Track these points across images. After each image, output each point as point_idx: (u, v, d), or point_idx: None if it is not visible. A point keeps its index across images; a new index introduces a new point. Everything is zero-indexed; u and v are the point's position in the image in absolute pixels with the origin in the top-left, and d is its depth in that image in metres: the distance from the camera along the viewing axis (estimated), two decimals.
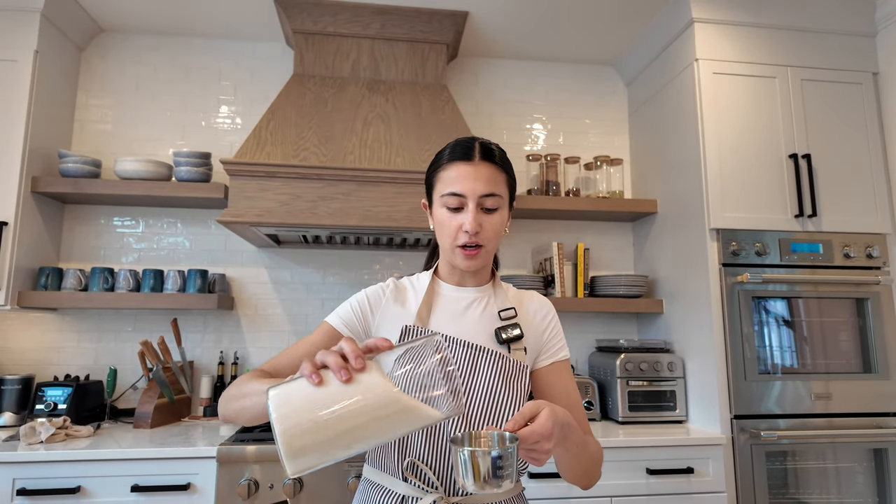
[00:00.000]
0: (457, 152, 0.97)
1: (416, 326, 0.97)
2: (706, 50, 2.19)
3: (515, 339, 0.98)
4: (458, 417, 0.90)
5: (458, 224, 0.95)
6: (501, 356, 0.97)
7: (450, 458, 0.91)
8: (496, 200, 0.96)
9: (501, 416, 0.93)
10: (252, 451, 1.73)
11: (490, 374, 0.95)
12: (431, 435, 0.91)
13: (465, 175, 0.95)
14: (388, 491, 0.93)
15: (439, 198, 0.98)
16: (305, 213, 2.01)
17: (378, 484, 0.95)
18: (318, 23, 2.34)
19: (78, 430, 1.86)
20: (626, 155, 2.81)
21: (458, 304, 1.02)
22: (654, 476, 1.88)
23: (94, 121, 2.49)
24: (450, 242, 0.97)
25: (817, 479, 1.99)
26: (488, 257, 1.00)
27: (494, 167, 0.97)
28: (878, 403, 2.05)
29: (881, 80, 2.28)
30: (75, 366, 2.31)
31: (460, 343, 0.97)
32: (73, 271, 2.17)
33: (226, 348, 2.41)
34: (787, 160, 2.16)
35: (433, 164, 1.02)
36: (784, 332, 2.06)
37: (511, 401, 0.94)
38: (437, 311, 1.01)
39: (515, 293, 1.09)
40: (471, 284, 1.04)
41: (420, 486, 0.91)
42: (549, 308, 1.08)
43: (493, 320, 1.02)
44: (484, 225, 0.95)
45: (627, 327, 2.68)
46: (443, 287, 1.04)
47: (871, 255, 2.14)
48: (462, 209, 0.95)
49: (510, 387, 0.95)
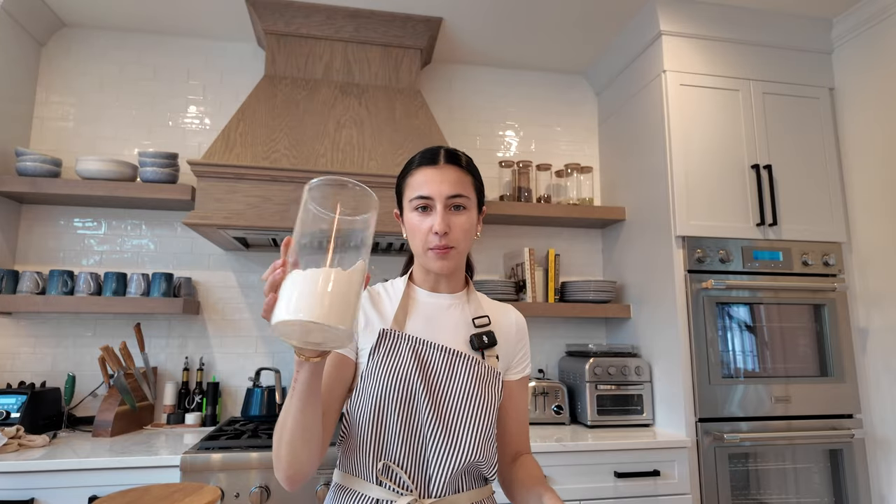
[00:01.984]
0: (423, 159, 1.00)
1: (393, 330, 0.97)
2: (674, 62, 2.25)
3: (489, 346, 1.00)
4: (437, 421, 0.90)
5: (427, 226, 0.96)
6: (477, 361, 0.98)
7: (426, 459, 0.91)
8: (463, 200, 0.98)
9: (476, 420, 0.93)
10: (217, 459, 1.69)
11: (465, 379, 0.96)
12: (406, 438, 0.91)
13: (431, 178, 0.97)
14: (362, 496, 0.92)
15: (408, 203, 0.99)
16: (275, 217, 1.98)
17: (350, 489, 0.94)
18: (291, 24, 2.32)
19: (32, 440, 1.79)
20: (595, 163, 2.86)
21: (434, 310, 1.03)
22: (621, 479, 1.91)
23: (55, 118, 2.40)
24: (421, 246, 0.98)
25: (777, 480, 2.05)
26: (460, 258, 1.00)
27: (460, 170, 1.00)
28: (833, 406, 2.13)
29: (837, 95, 2.39)
30: (31, 372, 2.21)
31: (437, 347, 0.97)
32: (29, 273, 2.09)
33: (191, 354, 2.35)
34: (749, 170, 2.23)
35: (402, 172, 1.04)
36: (746, 337, 2.13)
37: (486, 405, 0.95)
38: (413, 316, 1.01)
39: (490, 304, 1.10)
40: (445, 290, 1.05)
41: (394, 488, 0.90)
42: (523, 325, 1.11)
43: (467, 326, 1.03)
44: (452, 225, 0.96)
45: (596, 332, 2.72)
46: (418, 293, 1.05)
47: (828, 262, 2.23)
48: (430, 211, 0.97)
49: (485, 392, 0.96)
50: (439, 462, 0.90)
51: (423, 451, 0.91)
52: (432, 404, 0.91)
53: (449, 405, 0.93)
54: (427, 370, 0.95)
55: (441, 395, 0.93)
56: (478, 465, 0.93)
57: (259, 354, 2.40)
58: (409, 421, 0.91)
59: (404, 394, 0.91)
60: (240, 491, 1.69)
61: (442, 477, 0.90)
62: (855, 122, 2.30)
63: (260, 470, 1.71)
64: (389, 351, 0.95)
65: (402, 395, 0.91)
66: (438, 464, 0.90)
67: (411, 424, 0.91)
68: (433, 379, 0.95)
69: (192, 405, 2.25)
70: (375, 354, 0.95)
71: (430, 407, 0.91)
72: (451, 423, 0.92)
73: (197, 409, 2.25)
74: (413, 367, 0.93)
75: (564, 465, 1.89)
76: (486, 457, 0.93)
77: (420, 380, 0.92)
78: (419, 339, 0.97)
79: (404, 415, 0.91)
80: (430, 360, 0.96)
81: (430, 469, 0.90)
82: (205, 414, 2.23)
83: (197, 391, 2.27)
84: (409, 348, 0.96)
